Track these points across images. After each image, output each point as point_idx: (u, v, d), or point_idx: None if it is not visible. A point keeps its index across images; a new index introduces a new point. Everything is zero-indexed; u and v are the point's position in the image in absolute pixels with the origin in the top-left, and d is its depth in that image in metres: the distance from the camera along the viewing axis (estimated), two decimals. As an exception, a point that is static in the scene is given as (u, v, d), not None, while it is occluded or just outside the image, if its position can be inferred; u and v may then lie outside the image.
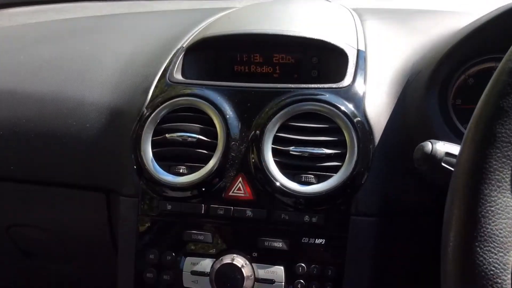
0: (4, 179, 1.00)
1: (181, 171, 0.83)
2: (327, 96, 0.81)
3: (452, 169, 0.55)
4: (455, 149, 0.63)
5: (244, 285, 0.78)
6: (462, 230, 0.43)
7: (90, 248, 1.04)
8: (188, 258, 0.83)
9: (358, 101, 0.82)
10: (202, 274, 0.82)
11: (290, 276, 0.80)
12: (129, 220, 0.87)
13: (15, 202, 1.03)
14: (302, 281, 0.79)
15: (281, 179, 0.79)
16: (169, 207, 0.84)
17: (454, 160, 0.62)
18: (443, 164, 0.63)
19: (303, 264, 0.79)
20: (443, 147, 0.64)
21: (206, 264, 0.82)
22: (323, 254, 0.79)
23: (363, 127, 0.80)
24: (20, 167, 0.98)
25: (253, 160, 0.81)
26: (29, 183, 0.99)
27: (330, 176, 0.78)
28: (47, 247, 1.09)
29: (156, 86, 0.91)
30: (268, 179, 0.79)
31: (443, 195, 0.83)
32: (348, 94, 0.82)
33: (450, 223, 0.45)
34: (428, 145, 0.64)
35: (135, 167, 0.86)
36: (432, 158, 0.63)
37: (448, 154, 0.63)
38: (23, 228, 1.06)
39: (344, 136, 0.79)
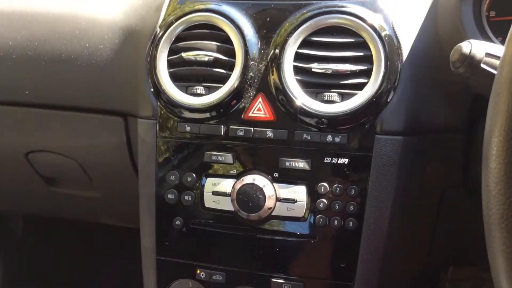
0: (19, 105, 0.99)
1: (198, 91, 0.81)
2: (353, 8, 0.76)
3: (493, 71, 0.51)
4: (497, 49, 0.58)
5: (265, 204, 0.78)
6: (506, 132, 0.40)
7: (111, 173, 1.04)
8: (209, 179, 0.82)
9: (386, 13, 0.76)
10: (223, 194, 0.81)
11: (312, 195, 0.79)
12: (148, 142, 0.85)
13: (32, 128, 1.02)
14: (324, 200, 0.78)
15: (303, 98, 0.76)
16: (187, 128, 0.82)
17: (495, 61, 0.57)
18: (482, 65, 0.58)
19: (325, 184, 0.78)
20: (483, 47, 0.58)
21: (227, 184, 0.81)
22: (346, 174, 0.77)
23: (391, 41, 0.75)
24: (36, 91, 0.96)
25: (273, 79, 0.78)
26: (46, 108, 0.98)
27: (354, 94, 0.75)
28: (68, 173, 1.10)
29: (169, 4, 0.86)
30: (289, 98, 0.76)
31: (473, 112, 0.81)
32: (375, 5, 0.77)
33: (493, 129, 0.41)
34: (467, 45, 0.59)
35: (151, 88, 0.84)
36: (471, 59, 0.58)
37: (488, 54, 0.58)
38: (42, 154, 1.06)
39: (371, 51, 0.75)
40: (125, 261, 2.00)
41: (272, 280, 0.82)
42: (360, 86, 0.75)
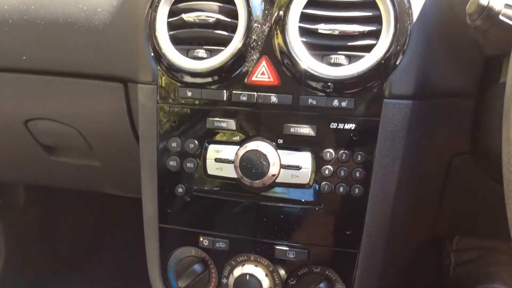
0: (17, 71, 0.96)
1: (199, 55, 0.78)
2: (361, -35, 0.72)
3: (512, 22, 0.48)
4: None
5: (269, 171, 0.76)
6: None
7: (112, 141, 1.02)
8: (211, 146, 0.80)
9: None
10: (226, 161, 0.79)
11: (318, 162, 0.77)
12: (148, 108, 0.83)
13: (30, 95, 1.00)
14: (330, 167, 0.76)
15: (309, 61, 0.73)
16: (189, 93, 0.80)
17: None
18: (501, 17, 0.55)
19: (331, 150, 0.76)
20: (502, -3, 0.55)
21: (230, 151, 0.79)
22: (352, 140, 0.75)
23: (401, 0, 0.71)
24: (33, 57, 0.93)
25: (277, 41, 0.75)
26: (43, 74, 0.95)
27: (362, 57, 0.72)
28: (68, 142, 1.08)
29: None
30: (294, 61, 0.73)
31: (484, 76, 0.78)
32: (384, -38, 0.73)
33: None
34: None
35: (151, 52, 0.81)
36: (489, 11, 0.55)
37: (508, 6, 0.54)
38: (42, 122, 1.04)
39: (380, 11, 0.71)
40: (128, 230, 2.00)
41: (276, 247, 0.81)
42: (368, 48, 0.72)
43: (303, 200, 0.79)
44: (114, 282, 1.84)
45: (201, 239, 0.84)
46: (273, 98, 0.76)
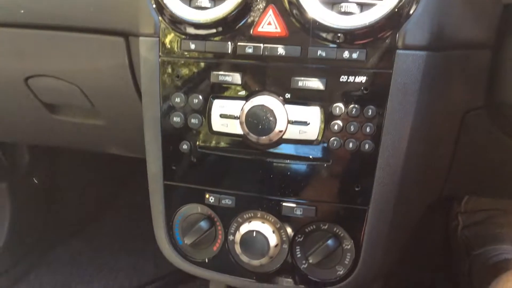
0: (16, 25, 0.93)
1: (202, 4, 0.74)
2: None
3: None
4: None
5: (276, 127, 0.73)
6: None
7: (114, 98, 0.99)
8: (216, 101, 0.77)
9: None
10: (231, 117, 0.77)
11: (326, 117, 0.74)
12: (150, 62, 0.80)
13: (30, 51, 0.97)
14: (339, 122, 0.73)
15: (318, 10, 0.69)
16: (192, 46, 0.77)
17: None
18: None
19: (340, 105, 0.73)
20: None
21: (235, 106, 0.76)
22: (363, 93, 0.72)
23: None
24: (31, 10, 0.90)
25: None
26: (43, 29, 0.92)
27: (374, 4, 0.68)
28: (70, 100, 1.06)
29: None
30: (302, 10, 0.70)
31: (501, 27, 0.74)
32: None
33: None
34: None
35: (152, 2, 0.77)
36: None
37: None
38: (42, 79, 1.01)
39: (393, -45, 0.67)
40: (134, 192, 2.01)
41: (283, 204, 0.79)
42: (381, -5, 0.68)
43: (311, 157, 0.77)
44: (120, 244, 1.86)
45: (207, 196, 0.83)
46: (280, 50, 0.73)
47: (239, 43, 0.75)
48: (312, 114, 0.74)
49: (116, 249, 1.83)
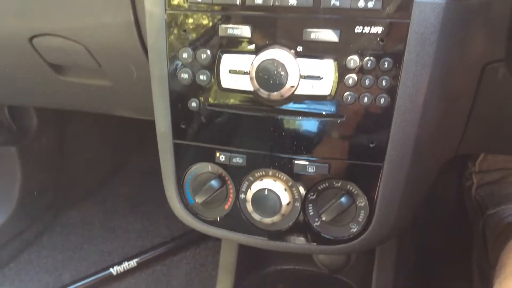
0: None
1: None
2: None
3: None
4: None
5: (288, 82, 0.71)
6: None
7: (120, 56, 0.97)
8: (225, 56, 0.75)
9: None
10: (241, 72, 0.74)
11: (340, 70, 0.71)
12: (156, 16, 0.77)
13: (34, 9, 0.94)
14: (354, 75, 0.70)
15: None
16: (199, -3, 0.73)
17: None
18: None
19: (355, 57, 0.70)
20: None
21: (245, 61, 0.73)
22: (379, 45, 0.69)
23: None
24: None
25: None
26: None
27: (391, -51, 0.64)
28: (76, 59, 1.03)
29: None
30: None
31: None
32: None
33: None
34: None
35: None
36: None
37: None
38: (47, 38, 0.99)
39: None
40: (144, 156, 2.01)
41: (295, 162, 0.77)
42: None
43: (324, 113, 0.74)
44: (131, 208, 1.87)
45: (217, 154, 0.81)
46: (292, 0, 0.70)
47: None
48: (326, 68, 0.71)
49: (127, 212, 1.85)
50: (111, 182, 1.97)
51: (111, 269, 1.56)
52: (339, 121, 0.74)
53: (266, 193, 0.78)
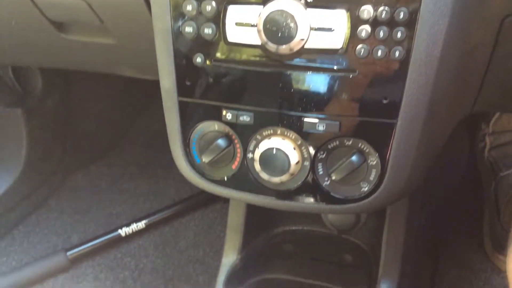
0: None
1: None
2: None
3: None
4: None
5: (297, 34, 0.67)
6: None
7: (123, 12, 0.93)
8: (231, 7, 0.71)
9: None
10: (248, 25, 0.70)
11: (353, 22, 0.67)
12: (158, -35, 0.73)
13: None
14: (367, 27, 0.67)
15: None
16: None
17: None
18: None
19: (369, 7, 0.66)
20: None
21: (252, 12, 0.70)
22: None
23: None
24: None
25: None
26: None
27: None
28: (78, 16, 1.00)
29: None
30: None
31: None
32: None
33: None
34: None
35: None
36: None
37: None
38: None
39: None
40: (151, 119, 1.99)
41: (305, 120, 0.75)
42: None
43: (335, 67, 0.71)
44: (139, 171, 1.86)
45: (224, 113, 0.78)
46: None
47: None
48: (337, 19, 0.67)
49: (135, 175, 1.84)
50: (119, 145, 1.96)
51: (119, 231, 1.56)
52: (351, 76, 0.70)
53: (274, 152, 0.75)
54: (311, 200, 0.81)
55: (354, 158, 0.74)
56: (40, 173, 1.68)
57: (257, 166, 0.78)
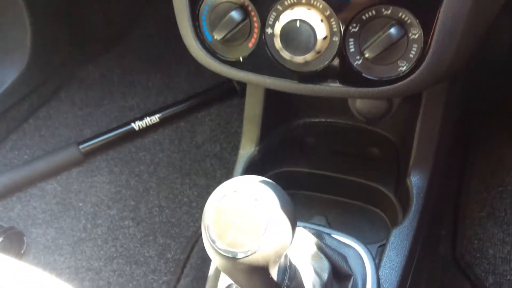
0: None
1: None
2: None
3: None
4: None
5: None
6: None
7: None
8: None
9: None
10: None
11: None
12: None
13: None
14: None
15: None
16: None
17: None
18: None
19: None
20: None
21: None
22: None
23: None
24: None
25: None
26: None
27: None
28: None
29: None
30: None
31: None
32: None
33: None
34: None
35: None
36: None
37: None
38: None
39: None
40: (161, 5, 1.84)
41: None
42: None
43: None
44: (151, 63, 1.76)
45: None
46: None
47: None
48: None
49: (147, 67, 1.74)
50: (128, 35, 1.83)
51: (132, 124, 1.51)
52: None
53: (298, 25, 0.64)
54: (340, 83, 0.70)
55: (392, 30, 0.63)
56: (48, 64, 1.60)
57: (277, 43, 0.67)
